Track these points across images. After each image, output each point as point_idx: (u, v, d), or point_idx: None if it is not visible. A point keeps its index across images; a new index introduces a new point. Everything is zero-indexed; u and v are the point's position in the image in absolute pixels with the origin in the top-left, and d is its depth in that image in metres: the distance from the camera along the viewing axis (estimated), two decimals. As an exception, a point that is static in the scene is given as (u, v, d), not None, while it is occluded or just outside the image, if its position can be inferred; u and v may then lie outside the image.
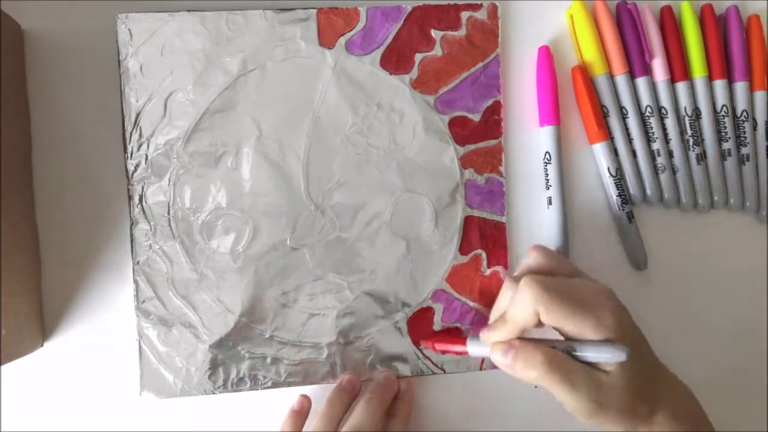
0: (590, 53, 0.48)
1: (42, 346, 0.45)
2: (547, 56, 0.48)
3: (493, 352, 0.40)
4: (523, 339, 0.39)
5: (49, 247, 0.45)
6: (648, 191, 0.50)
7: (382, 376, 0.47)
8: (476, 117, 0.48)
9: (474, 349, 0.43)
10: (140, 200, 0.45)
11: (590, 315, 0.37)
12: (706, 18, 0.50)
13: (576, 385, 0.37)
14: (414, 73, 0.47)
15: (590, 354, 0.37)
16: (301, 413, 0.46)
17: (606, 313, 0.37)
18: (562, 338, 0.39)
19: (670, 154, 0.50)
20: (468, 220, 0.48)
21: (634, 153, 0.49)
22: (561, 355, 0.37)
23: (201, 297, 0.46)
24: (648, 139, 0.49)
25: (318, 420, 0.44)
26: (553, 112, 0.48)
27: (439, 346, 0.46)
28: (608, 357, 0.37)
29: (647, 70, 0.49)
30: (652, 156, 0.49)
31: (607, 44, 0.49)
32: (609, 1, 0.49)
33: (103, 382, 0.46)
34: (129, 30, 0.45)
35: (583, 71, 0.49)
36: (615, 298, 0.39)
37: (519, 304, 0.38)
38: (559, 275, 0.41)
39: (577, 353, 0.37)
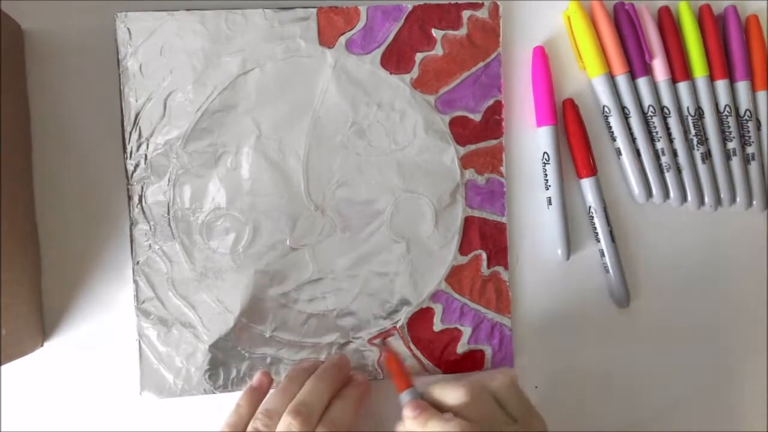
0: (589, 53, 0.48)
1: (42, 346, 0.45)
2: (542, 56, 0.48)
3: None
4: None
5: (49, 247, 0.45)
6: (654, 190, 0.49)
7: (336, 357, 0.46)
8: (477, 117, 0.48)
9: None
10: (140, 200, 0.45)
11: None
12: (704, 18, 0.50)
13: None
14: (414, 72, 0.47)
15: None
16: (259, 390, 0.44)
17: None
18: None
19: (674, 154, 0.49)
20: (468, 221, 0.48)
21: (638, 152, 0.49)
22: None
23: (201, 297, 0.46)
24: (651, 139, 0.49)
25: (273, 397, 0.42)
26: (549, 113, 0.48)
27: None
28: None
29: (648, 70, 0.49)
30: (656, 155, 0.49)
31: (606, 44, 0.48)
32: (606, 2, 0.49)
33: (103, 382, 0.46)
34: (128, 29, 0.45)
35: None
36: None
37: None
38: (506, 410, 0.41)
39: None
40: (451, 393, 0.41)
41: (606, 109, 0.49)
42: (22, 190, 0.44)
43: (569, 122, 0.48)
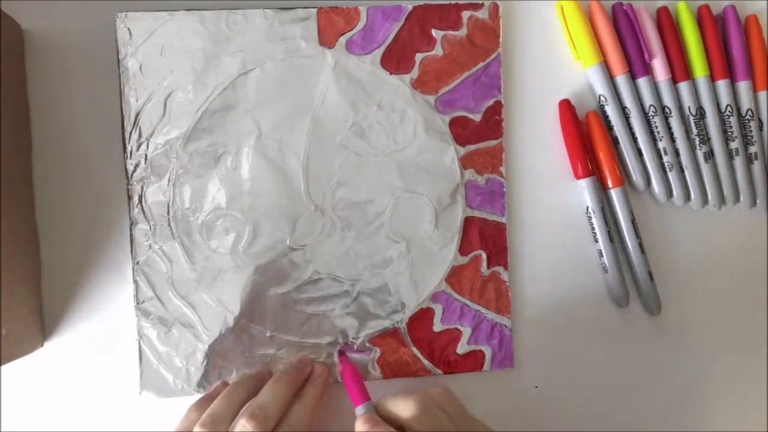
0: (582, 43, 0.48)
1: (42, 346, 0.45)
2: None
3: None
4: None
5: (49, 247, 0.45)
6: (656, 189, 0.49)
7: (296, 359, 0.46)
8: (477, 117, 0.48)
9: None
10: (140, 200, 0.45)
11: None
12: (703, 18, 0.50)
13: None
14: (414, 72, 0.47)
15: None
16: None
17: None
18: None
19: (676, 153, 0.50)
20: (468, 221, 0.48)
21: (639, 152, 0.49)
22: None
23: (200, 297, 0.46)
24: (653, 138, 0.49)
25: (216, 402, 0.41)
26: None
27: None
28: None
29: (647, 70, 0.49)
30: (658, 155, 0.49)
31: (606, 44, 0.48)
32: (604, 2, 0.49)
33: (103, 382, 0.46)
34: (128, 29, 0.45)
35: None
36: None
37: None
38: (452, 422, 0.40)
39: None
40: (401, 405, 0.40)
41: (602, 98, 0.49)
42: (22, 190, 0.44)
43: (565, 123, 0.48)
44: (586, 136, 0.49)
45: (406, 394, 0.41)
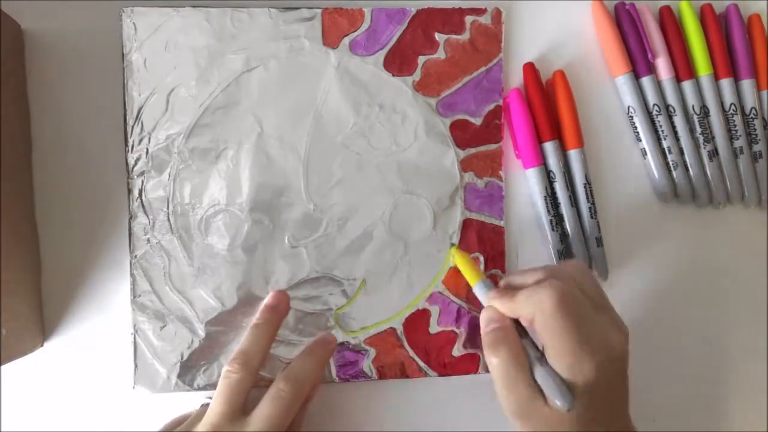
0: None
1: (42, 346, 0.45)
2: (519, 98, 0.49)
3: (483, 313, 0.43)
4: (510, 325, 0.41)
5: (49, 246, 0.45)
6: (661, 188, 0.50)
7: (321, 336, 0.47)
8: (477, 121, 0.48)
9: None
10: (140, 194, 0.45)
11: (575, 354, 0.37)
12: (706, 17, 0.50)
13: (516, 395, 0.38)
14: (417, 75, 0.48)
15: (544, 384, 0.38)
16: (277, 310, 0.45)
17: (588, 363, 0.37)
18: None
19: (681, 152, 0.50)
20: (466, 223, 0.48)
21: (644, 151, 0.50)
22: (524, 362, 0.39)
23: (197, 292, 0.46)
24: (658, 137, 0.50)
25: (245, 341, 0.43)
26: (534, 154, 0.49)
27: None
28: (554, 399, 0.37)
29: (651, 69, 0.49)
30: (663, 153, 0.50)
31: (609, 44, 0.49)
32: (606, 2, 0.50)
33: (103, 382, 0.46)
34: (134, 24, 0.44)
35: (565, 79, 0.49)
36: (616, 350, 0.39)
37: (531, 298, 0.39)
38: (587, 296, 0.39)
39: (535, 372, 0.38)
40: (531, 276, 0.41)
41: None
42: (22, 190, 0.44)
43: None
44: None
45: (533, 268, 0.42)
